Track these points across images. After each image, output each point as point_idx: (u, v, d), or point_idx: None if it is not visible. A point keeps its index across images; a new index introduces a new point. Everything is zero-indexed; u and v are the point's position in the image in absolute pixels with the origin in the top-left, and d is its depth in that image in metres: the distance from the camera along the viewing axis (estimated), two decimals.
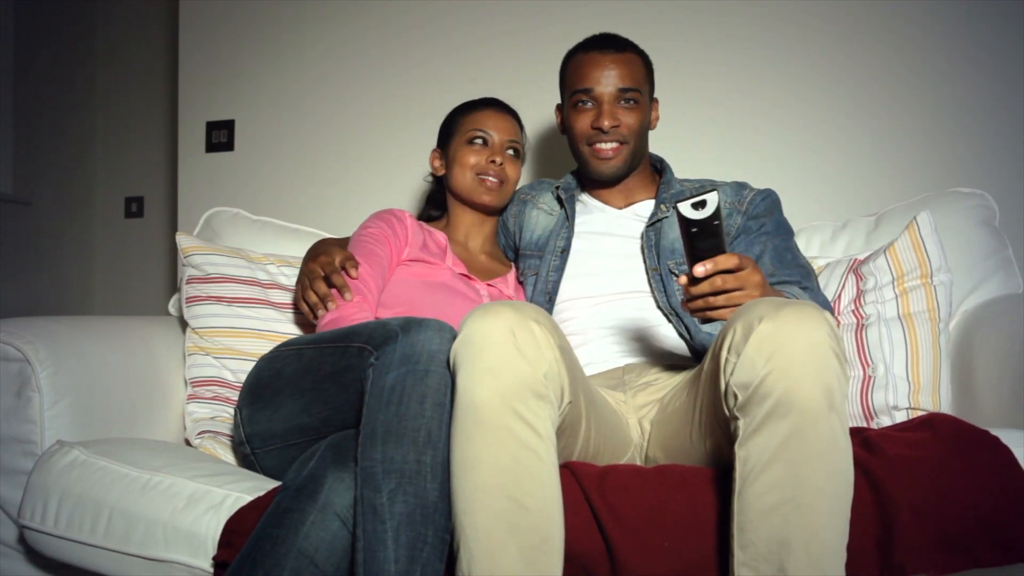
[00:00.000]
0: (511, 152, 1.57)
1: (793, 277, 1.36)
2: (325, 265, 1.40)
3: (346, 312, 1.33)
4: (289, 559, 0.98)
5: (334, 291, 1.36)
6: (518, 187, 1.67)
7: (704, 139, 2.00)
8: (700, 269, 1.04)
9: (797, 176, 1.95)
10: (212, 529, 1.10)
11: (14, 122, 2.85)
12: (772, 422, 0.88)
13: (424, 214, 1.71)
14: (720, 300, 1.06)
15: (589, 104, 1.47)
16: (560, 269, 1.51)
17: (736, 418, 0.92)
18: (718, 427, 1.03)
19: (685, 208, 1.03)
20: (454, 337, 1.00)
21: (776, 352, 0.88)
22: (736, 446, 0.92)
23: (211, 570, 1.09)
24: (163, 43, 3.09)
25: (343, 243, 1.53)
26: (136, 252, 3.13)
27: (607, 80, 1.45)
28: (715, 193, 1.02)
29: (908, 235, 1.47)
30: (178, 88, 2.37)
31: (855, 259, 1.54)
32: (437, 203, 1.69)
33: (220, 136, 2.32)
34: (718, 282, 1.05)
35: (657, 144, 1.68)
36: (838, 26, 1.94)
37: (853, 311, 1.47)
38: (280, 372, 1.22)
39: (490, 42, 2.14)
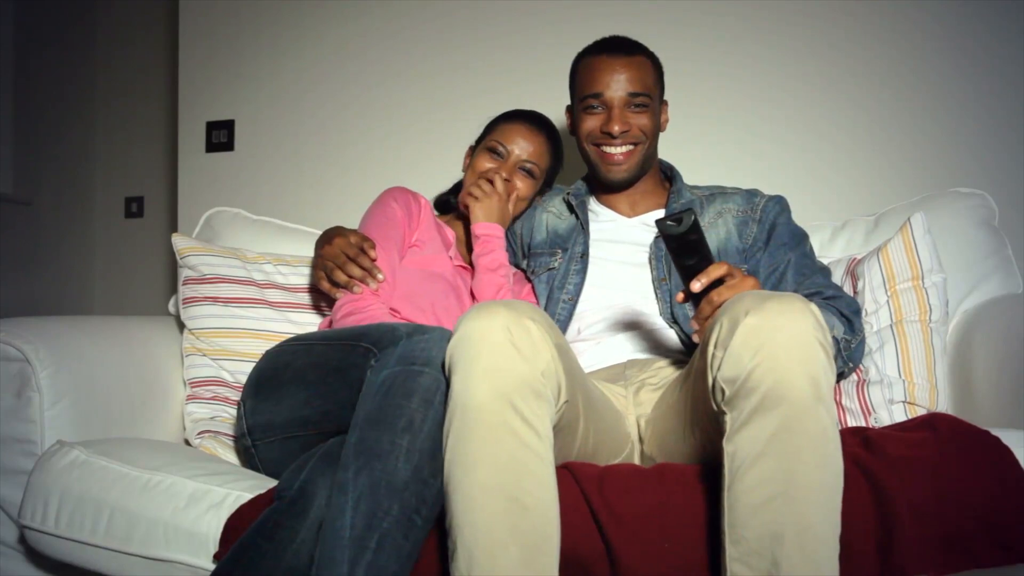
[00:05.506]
0: (525, 170, 1.54)
1: (816, 287, 1.37)
2: (347, 247, 1.39)
3: (363, 304, 1.34)
4: (278, 573, 0.98)
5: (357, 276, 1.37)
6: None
7: (703, 139, 2.00)
8: (696, 285, 1.09)
9: (797, 176, 1.95)
10: (213, 528, 1.10)
11: (14, 122, 2.84)
12: (760, 416, 0.88)
13: (444, 196, 1.72)
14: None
15: (599, 108, 1.46)
16: (581, 273, 1.50)
17: (724, 412, 0.92)
18: (708, 423, 1.03)
19: (664, 226, 1.08)
20: None
21: (762, 346, 0.88)
22: (724, 441, 0.91)
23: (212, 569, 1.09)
24: (163, 43, 3.09)
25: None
26: (136, 252, 3.13)
27: (617, 84, 1.44)
28: (690, 211, 1.07)
29: (901, 237, 1.46)
30: (178, 88, 2.37)
31: (853, 258, 1.54)
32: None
33: (220, 136, 2.32)
34: (715, 298, 1.08)
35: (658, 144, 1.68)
36: (838, 27, 1.94)
37: None
38: (289, 364, 1.23)
39: (491, 42, 2.14)
